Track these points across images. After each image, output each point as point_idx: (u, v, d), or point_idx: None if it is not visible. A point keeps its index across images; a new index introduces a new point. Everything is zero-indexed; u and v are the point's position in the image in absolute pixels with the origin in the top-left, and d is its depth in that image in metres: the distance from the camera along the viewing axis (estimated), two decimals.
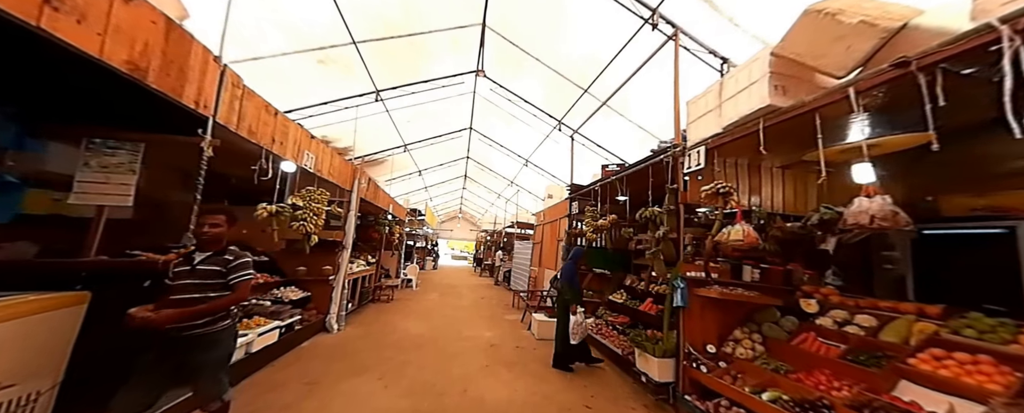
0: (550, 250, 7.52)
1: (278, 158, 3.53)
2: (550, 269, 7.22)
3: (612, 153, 6.54)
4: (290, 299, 4.82)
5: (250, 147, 3.13)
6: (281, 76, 4.80)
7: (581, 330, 3.72)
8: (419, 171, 11.98)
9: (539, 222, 8.78)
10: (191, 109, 2.40)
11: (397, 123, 7.45)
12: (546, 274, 7.41)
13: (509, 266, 12.25)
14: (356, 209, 5.68)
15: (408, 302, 8.23)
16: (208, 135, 2.52)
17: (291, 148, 3.71)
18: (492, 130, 8.91)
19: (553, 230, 7.55)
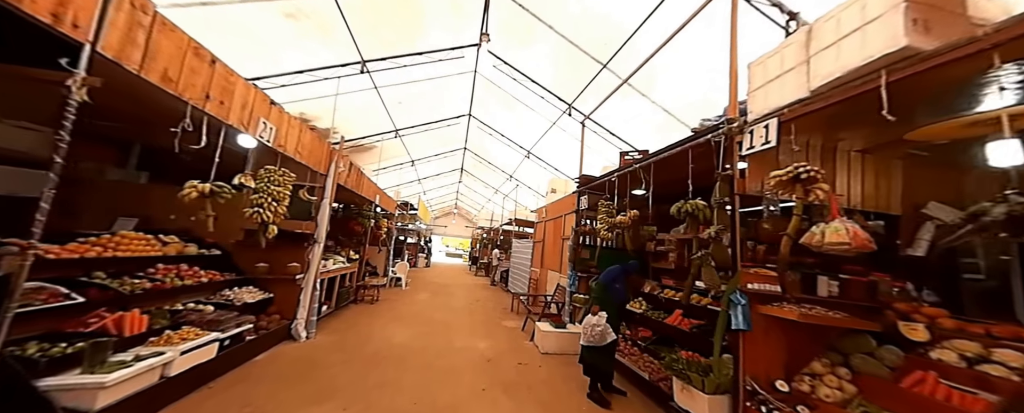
0: (554, 250, 6.78)
1: (220, 123, 2.72)
2: (554, 271, 6.49)
3: (626, 142, 5.81)
4: (244, 302, 4.00)
5: (170, 102, 2.32)
6: (242, 32, 3.95)
7: (596, 335, 2.98)
8: (412, 161, 11.15)
9: (540, 219, 8.04)
10: (46, 25, 1.58)
11: (387, 103, 6.62)
12: (550, 277, 6.67)
13: (507, 266, 11.50)
14: (332, 197, 4.87)
15: (395, 303, 7.43)
16: (80, 71, 1.70)
17: (238, 112, 2.89)
18: (493, 117, 8.13)
19: (557, 228, 6.81)
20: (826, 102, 2.00)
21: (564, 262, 5.98)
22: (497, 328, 5.84)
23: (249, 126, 3.05)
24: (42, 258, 2.52)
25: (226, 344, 3.21)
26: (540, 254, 7.68)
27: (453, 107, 7.79)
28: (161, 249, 3.53)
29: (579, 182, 5.25)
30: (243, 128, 2.96)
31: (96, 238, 3.06)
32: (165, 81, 2.17)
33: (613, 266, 3.32)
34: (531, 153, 8.74)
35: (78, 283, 2.69)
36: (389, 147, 8.87)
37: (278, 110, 3.49)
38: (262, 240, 3.63)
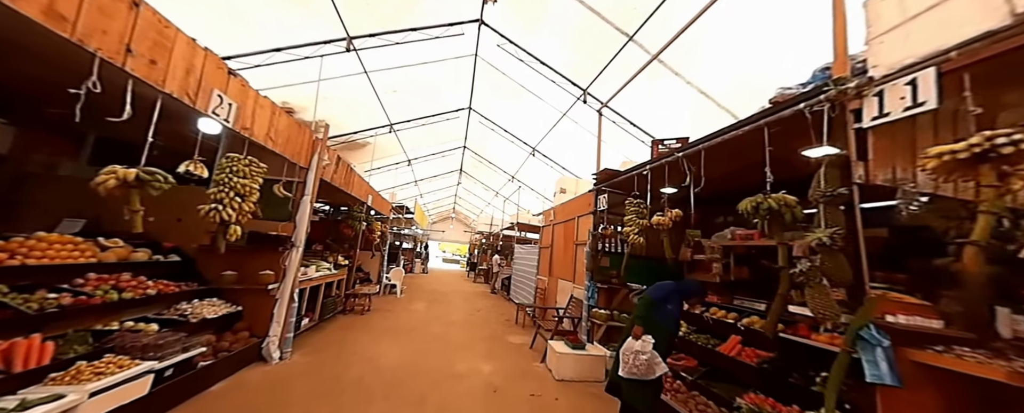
0: (565, 257, 6.13)
1: (153, 91, 2.08)
2: (566, 280, 5.83)
3: (648, 133, 5.22)
4: (203, 318, 3.31)
5: (74, 55, 1.68)
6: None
7: (641, 365, 2.32)
8: (408, 160, 10.54)
9: (548, 222, 7.40)
10: None
11: (379, 92, 6.01)
12: (561, 287, 6.01)
13: (508, 273, 10.81)
14: (314, 194, 4.21)
15: (387, 314, 6.72)
16: None
17: (180, 78, 2.25)
18: (495, 110, 7.54)
19: (568, 232, 6.17)
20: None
21: (579, 271, 5.33)
22: (502, 345, 5.16)
23: (197, 98, 2.41)
24: None
25: (167, 374, 2.52)
26: (548, 261, 7.02)
27: (452, 98, 7.21)
28: (96, 255, 2.86)
29: (597, 178, 4.62)
30: (188, 100, 2.32)
31: (4, 242, 2.39)
32: (52, 18, 1.53)
33: (664, 282, 2.66)
34: (537, 150, 8.14)
35: None
36: (384, 144, 8.25)
37: (240, 83, 2.86)
38: (221, 243, 2.96)
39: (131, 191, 2.06)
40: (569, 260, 5.84)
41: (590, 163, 6.74)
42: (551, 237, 7.07)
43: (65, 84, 1.71)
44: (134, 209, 2.08)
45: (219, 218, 2.89)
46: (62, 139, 3.78)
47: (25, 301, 2.18)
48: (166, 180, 2.17)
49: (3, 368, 1.86)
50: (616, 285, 4.36)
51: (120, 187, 2.02)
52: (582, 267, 5.16)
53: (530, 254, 8.45)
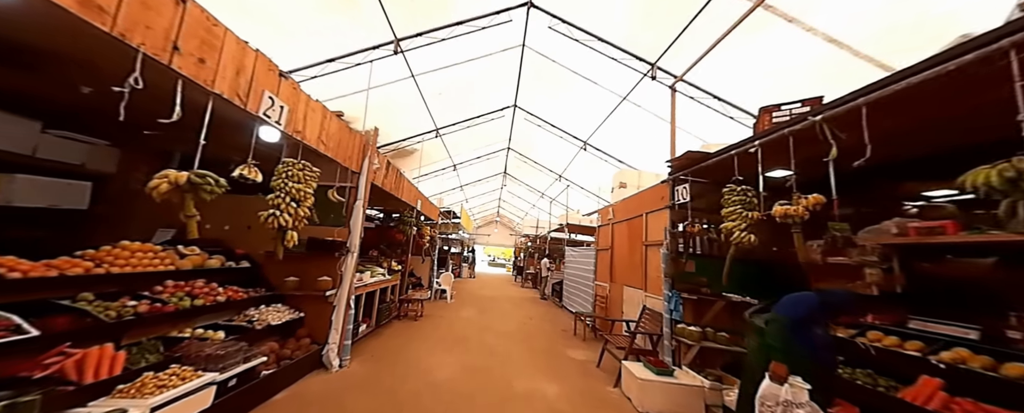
0: (631, 260, 5.35)
1: (203, 90, 2.00)
2: (635, 287, 5.05)
3: (738, 106, 4.26)
4: (268, 324, 3.33)
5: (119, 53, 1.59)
6: (259, 12, 3.43)
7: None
8: (454, 165, 10.55)
9: (605, 221, 6.65)
10: None
11: (426, 95, 5.93)
12: (628, 296, 5.23)
13: (559, 277, 10.16)
14: (366, 199, 4.14)
15: (439, 321, 6.57)
16: None
17: (230, 78, 2.17)
18: (542, 105, 7.04)
19: (633, 231, 5.39)
20: None
21: (652, 276, 4.55)
22: (563, 361, 4.58)
23: (248, 100, 2.32)
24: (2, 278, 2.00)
25: (230, 385, 2.45)
26: (607, 265, 6.26)
27: (497, 97, 6.89)
28: (174, 262, 2.99)
29: (673, 166, 3.85)
30: (238, 101, 2.23)
31: (94, 251, 2.54)
32: (87, 9, 1.43)
33: (800, 295, 1.90)
34: (588, 144, 7.45)
35: (55, 308, 2.12)
36: (430, 150, 8.28)
37: (291, 86, 2.78)
38: (280, 249, 2.91)
39: (185, 196, 1.98)
40: (636, 264, 5.06)
41: (654, 152, 5.89)
42: (610, 238, 6.31)
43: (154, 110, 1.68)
44: (188, 214, 2.00)
45: (277, 224, 2.84)
46: (156, 158, 4.21)
47: (105, 309, 2.24)
48: (218, 183, 2.07)
49: (75, 379, 1.85)
50: (708, 296, 3.52)
51: (174, 192, 1.95)
52: (656, 272, 4.38)
53: (584, 257, 7.73)
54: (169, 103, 1.82)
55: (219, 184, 2.08)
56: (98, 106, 2.76)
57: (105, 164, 3.94)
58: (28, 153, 3.20)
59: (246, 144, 2.58)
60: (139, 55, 1.62)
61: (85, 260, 2.40)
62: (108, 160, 3.97)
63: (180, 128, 1.98)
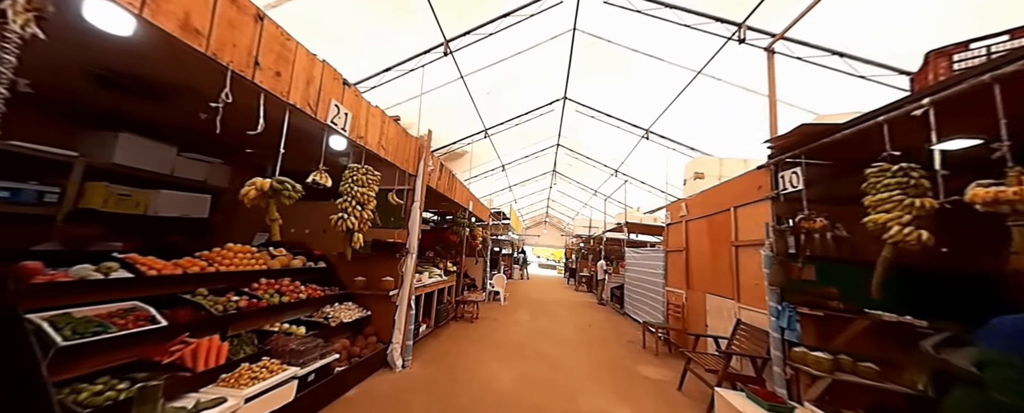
0: (717, 262, 4.58)
1: (280, 102, 2.10)
2: (722, 295, 4.30)
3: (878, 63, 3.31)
4: (341, 321, 3.51)
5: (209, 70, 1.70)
6: (319, 27, 3.67)
7: None
8: (502, 166, 10.54)
9: (675, 219, 5.88)
10: None
11: (474, 95, 5.92)
12: (713, 305, 4.48)
13: (619, 281, 9.42)
14: (423, 201, 4.19)
15: (494, 323, 6.48)
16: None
17: (301, 89, 2.26)
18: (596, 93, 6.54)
19: (715, 229, 4.63)
20: None
21: (746, 283, 3.81)
22: (634, 379, 4.07)
23: (318, 109, 2.41)
24: (144, 275, 2.34)
25: (309, 380, 2.57)
26: (682, 269, 5.50)
27: (545, 90, 6.61)
28: (267, 262, 3.30)
29: (777, 146, 3.12)
30: (309, 110, 2.32)
31: (208, 252, 2.91)
32: (187, 32, 1.53)
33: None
34: (651, 132, 6.71)
35: (179, 301, 2.42)
36: (479, 152, 8.35)
37: (354, 93, 2.86)
38: (348, 251, 3.02)
39: (269, 201, 2.10)
40: (723, 268, 4.30)
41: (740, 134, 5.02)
42: (683, 238, 5.54)
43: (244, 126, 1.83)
44: (271, 218, 2.11)
45: (345, 226, 2.94)
46: (254, 172, 4.83)
47: (214, 303, 2.50)
48: (294, 189, 2.16)
49: (191, 365, 2.05)
50: (840, 312, 2.74)
51: (261, 197, 2.07)
52: (752, 279, 3.64)
53: (649, 260, 6.97)
54: (253, 117, 1.93)
55: (296, 189, 2.17)
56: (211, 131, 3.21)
57: (220, 179, 4.63)
58: (168, 172, 3.87)
59: (317, 153, 2.73)
60: (228, 72, 1.72)
61: (201, 260, 2.73)
62: (222, 176, 4.65)
63: (268, 146, 2.12)
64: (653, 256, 6.81)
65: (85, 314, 1.90)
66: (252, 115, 1.91)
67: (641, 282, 7.24)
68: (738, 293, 3.94)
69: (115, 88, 2.47)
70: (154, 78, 2.23)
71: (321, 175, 2.53)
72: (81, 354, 1.78)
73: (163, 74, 2.17)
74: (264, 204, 2.09)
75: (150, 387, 1.70)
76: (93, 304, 1.99)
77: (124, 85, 2.42)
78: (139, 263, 2.32)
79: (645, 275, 7.05)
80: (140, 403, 1.67)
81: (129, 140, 3.26)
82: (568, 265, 19.24)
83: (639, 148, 7.58)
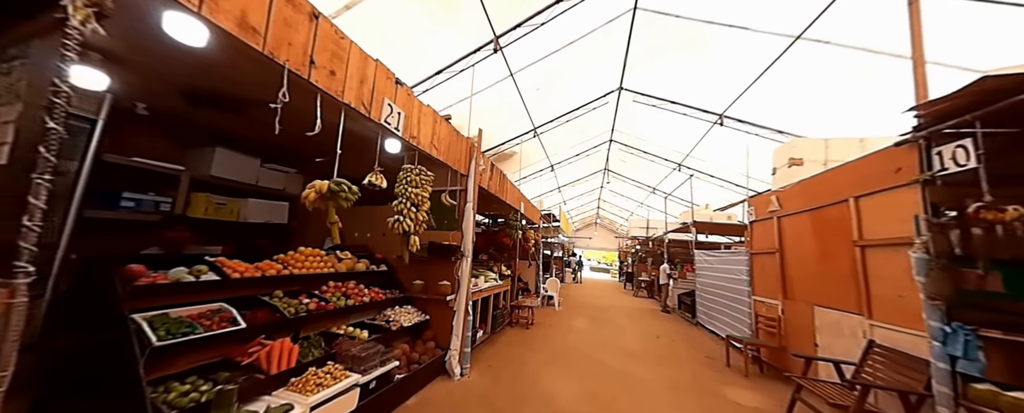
0: (823, 266, 3.61)
1: (335, 101, 2.11)
2: (839, 308, 3.29)
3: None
4: (401, 326, 3.52)
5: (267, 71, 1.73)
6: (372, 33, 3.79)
7: None
8: (551, 166, 10.19)
9: (763, 215, 4.91)
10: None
11: (524, 93, 5.73)
12: (826, 320, 3.43)
13: (687, 287, 8.34)
14: (475, 201, 4.08)
15: (550, 330, 6.13)
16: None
17: (355, 88, 2.25)
18: (658, 79, 5.86)
19: (824, 225, 3.68)
20: None
21: (879, 295, 2.90)
22: (723, 405, 3.36)
23: (371, 108, 2.39)
24: (228, 278, 2.56)
25: (371, 388, 2.54)
26: (777, 274, 4.53)
27: (598, 81, 6.12)
28: (334, 266, 3.46)
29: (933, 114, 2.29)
30: (363, 110, 2.31)
31: (284, 255, 3.12)
32: (244, 30, 1.54)
33: None
34: (726, 117, 5.79)
35: (258, 303, 2.59)
36: (528, 152, 8.14)
37: (406, 92, 2.83)
38: (405, 254, 3.00)
39: (328, 204, 2.10)
40: (841, 273, 3.36)
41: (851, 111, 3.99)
42: (775, 237, 4.57)
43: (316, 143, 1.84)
44: (331, 220, 2.11)
45: (402, 229, 2.92)
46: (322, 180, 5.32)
47: (287, 305, 2.62)
48: (351, 190, 2.14)
49: (265, 368, 2.12)
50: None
51: (320, 200, 2.08)
52: (890, 288, 2.75)
53: (728, 264, 5.97)
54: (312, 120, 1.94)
55: (352, 191, 2.15)
56: (288, 143, 3.52)
57: (295, 187, 5.12)
58: (253, 182, 4.36)
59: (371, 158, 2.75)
60: (285, 71, 1.72)
61: (277, 263, 2.93)
62: (297, 184, 5.14)
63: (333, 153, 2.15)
64: (733, 259, 5.80)
65: (179, 314, 2.07)
66: (311, 118, 1.93)
67: (717, 289, 6.23)
68: (867, 307, 3.01)
69: (202, 104, 2.76)
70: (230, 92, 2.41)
71: (376, 176, 2.51)
72: (174, 353, 1.89)
73: (235, 87, 2.34)
74: (324, 207, 2.10)
75: (227, 391, 1.74)
76: (186, 305, 2.17)
77: (207, 99, 2.68)
78: (225, 266, 2.53)
79: (722, 281, 6.04)
80: (217, 407, 1.71)
81: (223, 154, 3.67)
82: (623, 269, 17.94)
83: (709, 137, 6.60)
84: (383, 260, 4.33)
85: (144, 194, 3.25)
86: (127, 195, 3.16)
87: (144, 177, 3.20)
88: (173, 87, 2.44)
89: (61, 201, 2.49)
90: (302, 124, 1.94)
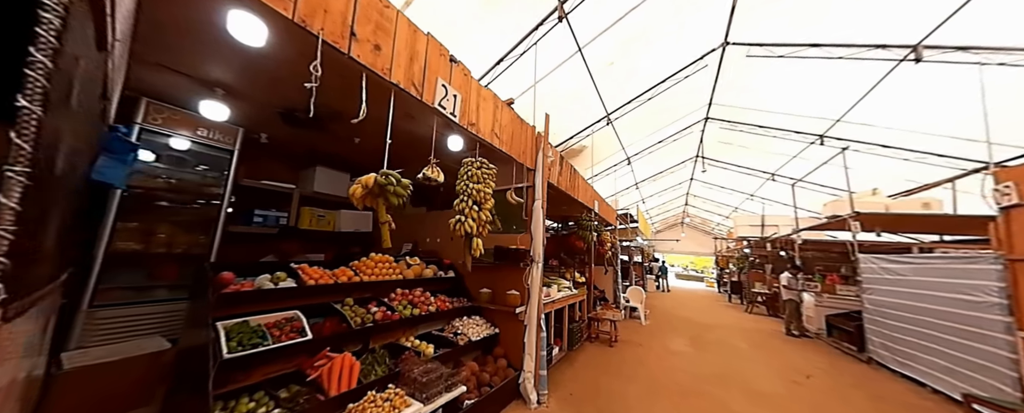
0: None
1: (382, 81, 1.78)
2: None
3: None
4: (469, 340, 3.14)
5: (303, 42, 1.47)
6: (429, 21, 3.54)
7: None
8: (627, 159, 8.93)
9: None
10: None
11: (593, 70, 4.93)
12: None
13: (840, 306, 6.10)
14: (545, 198, 3.48)
15: (640, 351, 5.07)
16: None
17: (404, 66, 1.90)
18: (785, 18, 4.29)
19: None
20: None
21: None
22: None
23: (423, 90, 2.02)
24: (304, 285, 2.51)
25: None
26: None
27: (693, 40, 4.85)
28: (403, 272, 3.29)
29: None
30: (414, 91, 1.95)
31: (357, 262, 3.05)
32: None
33: None
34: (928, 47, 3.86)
35: (330, 310, 2.49)
36: (600, 144, 7.17)
37: (462, 71, 2.43)
38: (467, 259, 2.58)
39: (378, 202, 1.78)
40: None
41: None
42: None
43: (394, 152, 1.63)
44: (382, 220, 1.78)
45: (463, 231, 2.51)
46: None
47: (354, 315, 2.44)
48: (400, 183, 1.78)
49: (326, 387, 1.90)
50: None
51: (368, 197, 1.77)
52: None
53: (948, 276, 3.92)
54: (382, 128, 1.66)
55: (402, 184, 1.80)
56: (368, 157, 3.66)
57: None
58: (345, 195, 4.68)
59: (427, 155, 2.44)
60: (319, 41, 1.43)
61: (349, 269, 2.84)
62: None
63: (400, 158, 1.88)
64: (959, 269, 3.76)
65: (258, 322, 2.01)
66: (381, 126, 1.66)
67: (921, 313, 4.20)
68: None
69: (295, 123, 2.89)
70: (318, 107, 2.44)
71: (432, 169, 2.13)
72: (248, 364, 1.81)
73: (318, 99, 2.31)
74: (373, 204, 1.78)
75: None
76: (265, 312, 2.13)
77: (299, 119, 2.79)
78: (304, 273, 2.50)
79: (934, 302, 4.03)
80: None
81: (322, 172, 4.14)
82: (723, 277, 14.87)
83: (886, 87, 4.59)
84: (450, 266, 4.07)
85: (269, 211, 3.79)
86: (258, 212, 3.75)
87: (268, 196, 3.77)
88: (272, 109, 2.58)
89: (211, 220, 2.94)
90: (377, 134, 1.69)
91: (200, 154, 2.79)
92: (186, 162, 2.73)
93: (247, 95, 2.54)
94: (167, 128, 2.57)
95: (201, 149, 2.78)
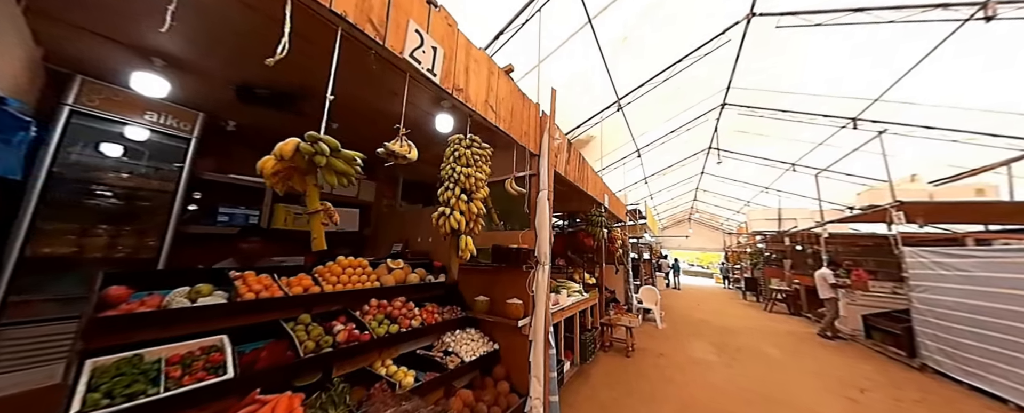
0: None
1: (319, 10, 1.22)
2: None
3: None
4: (462, 361, 2.57)
5: None
6: None
7: None
8: (637, 151, 8.34)
9: None
10: None
11: (603, 47, 4.35)
12: None
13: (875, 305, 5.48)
14: (551, 188, 2.91)
15: (662, 361, 4.50)
16: None
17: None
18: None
19: None
20: None
21: None
22: None
23: (386, 33, 1.46)
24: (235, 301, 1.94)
25: None
26: None
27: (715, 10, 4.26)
28: (380, 278, 2.73)
29: None
30: (371, 31, 1.38)
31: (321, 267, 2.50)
32: None
33: None
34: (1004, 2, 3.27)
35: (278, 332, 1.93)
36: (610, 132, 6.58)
37: (445, 20, 1.86)
38: (453, 262, 2.03)
39: (306, 180, 1.21)
40: None
41: None
42: None
43: None
44: (311, 208, 1.20)
45: (449, 226, 1.96)
46: (391, 186, 4.97)
47: (306, 337, 1.89)
48: (337, 153, 1.20)
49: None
50: None
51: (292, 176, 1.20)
52: None
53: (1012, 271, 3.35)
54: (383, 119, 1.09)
55: (338, 153, 1.22)
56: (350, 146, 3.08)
57: (368, 194, 4.86)
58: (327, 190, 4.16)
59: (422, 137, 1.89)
60: None
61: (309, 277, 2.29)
62: (369, 191, 4.87)
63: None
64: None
65: (160, 356, 1.47)
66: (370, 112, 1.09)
67: (988, 316, 3.59)
68: None
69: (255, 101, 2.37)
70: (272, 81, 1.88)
71: (400, 142, 1.56)
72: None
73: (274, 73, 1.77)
74: (302, 187, 1.22)
75: None
76: (180, 339, 1.58)
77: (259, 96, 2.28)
78: (243, 283, 1.94)
79: (1002, 301, 3.43)
80: None
81: None
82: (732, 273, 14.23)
83: (940, 56, 3.99)
84: (442, 268, 3.51)
85: (236, 208, 3.28)
86: (223, 210, 3.21)
87: (237, 192, 3.25)
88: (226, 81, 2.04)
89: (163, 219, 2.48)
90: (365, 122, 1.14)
91: (148, 142, 2.36)
92: (132, 152, 2.30)
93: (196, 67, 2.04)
94: (105, 111, 2.15)
95: (149, 136, 2.36)
